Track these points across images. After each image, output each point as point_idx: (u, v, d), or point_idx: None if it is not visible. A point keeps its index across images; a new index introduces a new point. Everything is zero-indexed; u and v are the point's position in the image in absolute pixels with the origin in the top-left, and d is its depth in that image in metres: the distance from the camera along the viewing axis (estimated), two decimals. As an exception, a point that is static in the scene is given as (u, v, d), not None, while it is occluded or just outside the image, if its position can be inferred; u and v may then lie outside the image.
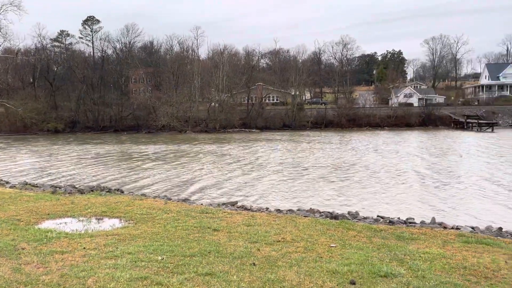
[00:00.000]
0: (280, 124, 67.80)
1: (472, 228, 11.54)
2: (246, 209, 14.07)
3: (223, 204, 14.73)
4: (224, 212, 11.08)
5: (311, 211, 13.98)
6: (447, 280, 5.86)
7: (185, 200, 15.49)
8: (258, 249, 7.25)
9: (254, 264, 6.41)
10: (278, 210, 13.91)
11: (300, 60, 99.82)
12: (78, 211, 10.59)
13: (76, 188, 16.48)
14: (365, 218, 12.89)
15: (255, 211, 13.38)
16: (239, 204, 15.17)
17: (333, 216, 12.65)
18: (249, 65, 78.76)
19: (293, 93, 75.48)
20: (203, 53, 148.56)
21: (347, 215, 12.99)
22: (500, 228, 11.66)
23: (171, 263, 6.41)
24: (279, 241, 7.92)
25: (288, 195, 17.87)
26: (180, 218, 9.88)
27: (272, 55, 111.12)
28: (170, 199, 15.34)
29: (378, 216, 13.25)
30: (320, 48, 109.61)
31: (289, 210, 13.93)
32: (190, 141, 48.93)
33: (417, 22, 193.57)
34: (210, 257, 6.75)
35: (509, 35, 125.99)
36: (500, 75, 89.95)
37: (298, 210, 14.15)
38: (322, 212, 13.51)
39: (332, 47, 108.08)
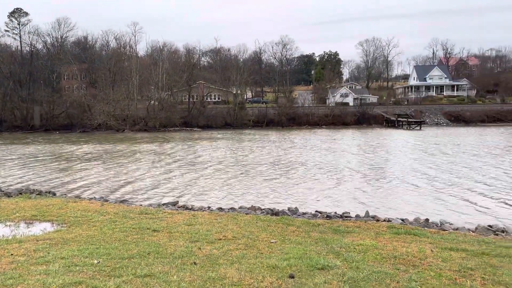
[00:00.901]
0: (222, 123, 67.71)
1: (402, 220, 12.31)
2: (187, 208, 13.92)
3: (164, 204, 14.45)
4: (165, 212, 10.88)
5: (253, 208, 14.13)
6: (379, 269, 6.20)
7: (123, 201, 15.00)
8: (199, 248, 7.21)
9: (195, 263, 6.37)
10: (220, 209, 13.91)
11: (241, 59, 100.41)
12: (5, 215, 9.88)
13: (3, 191, 15.35)
14: (304, 213, 13.28)
15: (197, 210, 13.28)
16: (180, 204, 14.96)
17: (274, 213, 12.90)
18: (190, 63, 77.76)
19: (234, 92, 75.68)
20: (141, 50, 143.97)
21: (287, 211, 13.30)
22: (427, 220, 12.54)
23: (107, 266, 6.19)
24: (221, 239, 7.94)
25: (230, 193, 17.91)
26: (118, 220, 9.56)
27: (213, 53, 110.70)
28: (107, 200, 14.78)
29: (316, 211, 13.69)
30: (261, 47, 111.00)
31: (231, 208, 13.98)
32: (128, 140, 47.37)
33: (353, 25, 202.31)
34: (149, 258, 6.61)
35: (435, 39, 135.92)
36: (427, 76, 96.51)
37: (240, 208, 14.25)
38: (264, 209, 13.71)
39: (272, 47, 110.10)
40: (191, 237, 8.00)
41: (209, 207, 14.25)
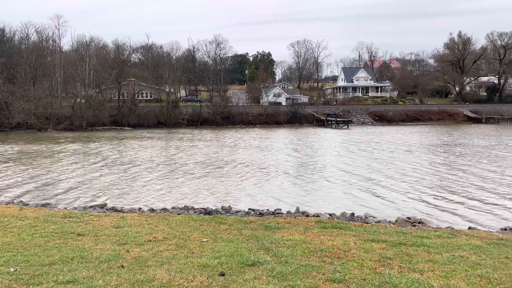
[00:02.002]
0: (155, 121, 65.99)
1: (330, 215, 12.87)
2: (116, 210, 13.41)
3: (91, 207, 13.80)
4: (91, 215, 10.39)
5: (186, 208, 13.98)
6: (307, 263, 6.44)
7: (45, 205, 14.10)
8: (128, 251, 6.99)
9: (122, 266, 6.17)
10: (152, 210, 13.58)
11: (174, 57, 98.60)
12: None
13: None
14: (237, 211, 13.40)
15: (126, 212, 12.85)
16: (109, 206, 14.38)
17: (207, 212, 12.86)
18: (120, 59, 74.70)
19: (167, 90, 74.05)
20: (66, 44, 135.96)
21: (220, 210, 13.33)
22: (353, 214, 13.23)
23: (26, 274, 5.79)
24: (151, 240, 7.76)
25: (163, 193, 17.55)
26: (38, 224, 8.97)
27: (144, 50, 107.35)
28: (27, 204, 13.80)
29: (249, 209, 13.88)
30: (194, 46, 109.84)
31: (163, 209, 13.71)
32: (51, 140, 44.47)
33: (284, 26, 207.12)
34: (72, 263, 6.29)
35: (361, 42, 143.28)
36: (354, 78, 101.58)
37: (173, 208, 14.01)
38: (197, 208, 13.61)
39: (206, 45, 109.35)
40: (119, 239, 7.72)
41: (139, 209, 13.86)
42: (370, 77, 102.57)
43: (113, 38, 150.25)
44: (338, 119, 66.07)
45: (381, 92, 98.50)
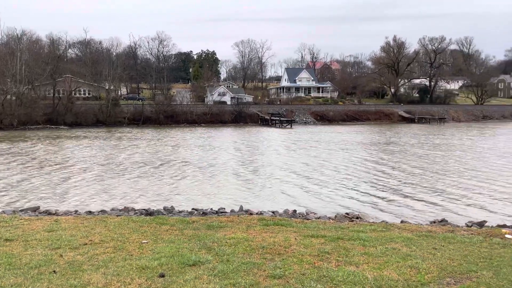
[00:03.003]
0: (94, 120, 63.21)
1: (273, 212, 13.05)
2: (50, 213, 12.69)
3: (22, 210, 12.95)
4: (21, 219, 9.75)
5: (126, 209, 13.53)
6: (248, 260, 6.48)
7: (-32, 209, 13.00)
8: (61, 255, 6.64)
9: (54, 271, 5.84)
10: (89, 212, 13.01)
11: (115, 53, 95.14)
12: None
13: None
14: (180, 211, 13.19)
15: (61, 215, 12.20)
16: (42, 209, 13.57)
17: (149, 213, 12.54)
18: (55, 54, 70.59)
19: (107, 88, 71.21)
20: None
21: (162, 210, 13.04)
22: (295, 211, 13.52)
23: None
24: (86, 244, 7.43)
25: (101, 195, 16.86)
26: (-40, 231, 8.26)
27: (82, 45, 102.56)
28: None
29: (193, 208, 13.72)
30: (136, 42, 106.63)
31: (102, 211, 13.18)
32: (-22, 140, 41.16)
33: (229, 25, 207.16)
34: (-1, 271, 5.86)
35: (303, 43, 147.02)
36: (297, 78, 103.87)
37: (112, 209, 13.51)
38: (137, 210, 13.22)
39: (148, 42, 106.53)
40: (51, 244, 7.31)
41: (76, 211, 13.21)
42: (312, 78, 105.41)
43: (48, 32, 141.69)
44: (282, 119, 67.20)
45: (322, 92, 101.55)
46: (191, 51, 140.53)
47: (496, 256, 7.07)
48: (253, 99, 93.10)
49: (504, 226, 11.05)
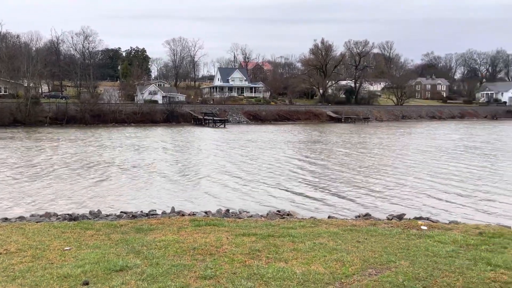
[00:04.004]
0: (10, 119, 58.38)
1: (205, 212, 12.95)
2: (-43, 223, 11.51)
3: None
4: None
5: (47, 215, 12.67)
6: (178, 262, 6.38)
7: None
8: (-30, 268, 6.06)
9: (-39, 287, 5.32)
10: (5, 219, 12.00)
11: (34, 48, 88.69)
12: None
13: None
14: (107, 215, 12.61)
15: (-29, 224, 11.12)
16: None
17: (73, 218, 11.85)
18: (-36, 47, 64.23)
19: (26, 85, 66.10)
20: None
21: (88, 214, 12.40)
22: (227, 210, 13.53)
23: None
24: (1, 253, 6.85)
25: (20, 200, 15.63)
26: None
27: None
28: None
29: (121, 212, 13.18)
30: (58, 37, 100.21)
31: (20, 217, 12.22)
32: None
33: (159, 23, 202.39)
34: None
35: (236, 43, 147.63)
36: (229, 78, 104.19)
37: (32, 215, 12.58)
38: (60, 215, 12.45)
39: (72, 37, 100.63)
40: (-42, 256, 6.64)
41: (-11, 219, 12.12)
42: (245, 78, 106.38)
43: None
44: (215, 118, 67.00)
45: (255, 92, 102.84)
46: (119, 48, 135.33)
47: (413, 246, 7.63)
48: (186, 98, 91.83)
49: (420, 218, 11.96)
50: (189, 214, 12.36)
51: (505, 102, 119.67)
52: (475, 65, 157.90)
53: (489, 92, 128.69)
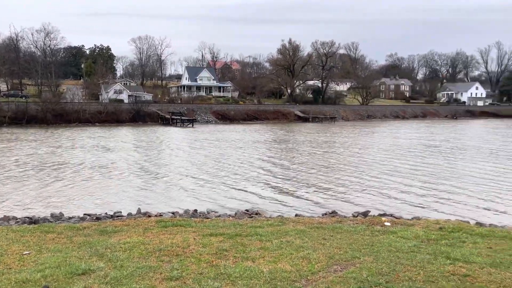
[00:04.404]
0: (-35, 119, 55.61)
1: (172, 213, 12.80)
2: None
3: None
4: None
5: (5, 218, 12.16)
6: (144, 264, 6.27)
7: None
8: None
9: None
10: (-42, 224, 11.40)
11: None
12: None
13: None
14: (70, 218, 12.24)
15: None
16: None
17: (33, 221, 11.43)
18: None
19: (-18, 83, 63.17)
20: None
21: (49, 217, 11.99)
22: (195, 210, 13.41)
23: None
24: (-46, 260, 6.50)
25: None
26: None
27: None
28: None
29: (85, 214, 12.82)
30: (18, 34, 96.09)
31: (-25, 222, 11.64)
32: None
33: (124, 20, 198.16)
34: None
35: (203, 42, 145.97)
36: (197, 77, 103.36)
37: (-12, 220, 12.02)
38: (19, 218, 11.97)
39: (32, 34, 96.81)
40: None
41: None
42: (213, 77, 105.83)
43: None
44: (183, 118, 66.26)
45: (223, 92, 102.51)
46: (83, 46, 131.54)
47: (377, 242, 7.83)
48: (153, 98, 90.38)
49: (384, 214, 12.29)
50: (155, 215, 12.16)
51: (464, 102, 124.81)
52: (436, 66, 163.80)
53: (450, 92, 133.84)
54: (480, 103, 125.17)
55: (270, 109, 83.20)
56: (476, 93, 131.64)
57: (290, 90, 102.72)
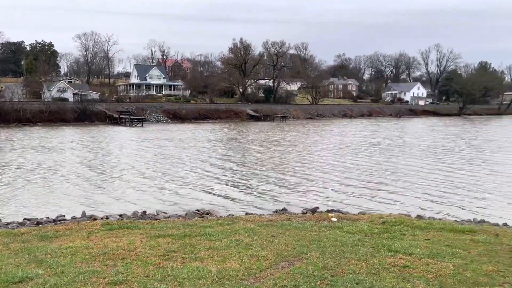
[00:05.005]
0: None
1: (120, 215, 12.43)
2: None
3: None
4: None
5: None
6: (87, 269, 6.03)
7: None
8: None
9: None
10: None
11: None
12: None
13: None
14: (8, 223, 11.56)
15: None
16: None
17: (-35, 228, 10.65)
18: None
19: None
20: None
21: (-16, 224, 11.23)
22: (144, 212, 13.11)
23: None
24: None
25: None
26: None
27: None
28: None
29: (24, 219, 12.15)
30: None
31: None
32: None
33: (68, 16, 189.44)
34: None
35: (153, 40, 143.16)
36: (147, 75, 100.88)
37: None
38: (-50, 226, 11.10)
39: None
40: None
41: None
42: (164, 76, 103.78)
43: None
44: (132, 117, 64.47)
45: (174, 90, 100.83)
46: (22, 41, 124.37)
47: (323, 237, 8.04)
48: (100, 96, 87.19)
49: (332, 210, 12.65)
50: (102, 218, 11.76)
51: (407, 101, 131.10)
52: (381, 67, 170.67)
53: (394, 92, 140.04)
54: (421, 102, 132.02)
55: (222, 108, 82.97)
56: (418, 93, 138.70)
57: (242, 89, 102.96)
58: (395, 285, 5.57)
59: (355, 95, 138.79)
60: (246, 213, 12.31)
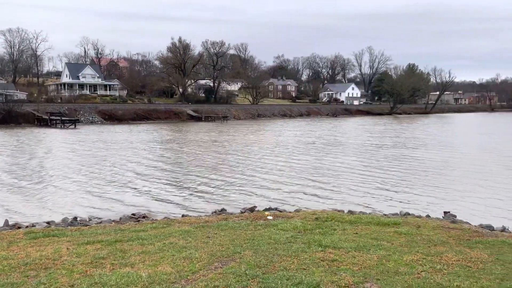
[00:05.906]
0: None
1: (48, 222, 11.73)
2: None
3: None
4: None
5: None
6: (5, 281, 5.64)
7: None
8: None
9: None
10: None
11: None
12: None
13: None
14: None
15: None
16: None
17: None
18: None
19: None
20: None
21: None
22: (75, 218, 12.48)
23: None
24: None
25: None
26: None
27: None
28: None
29: None
30: None
31: None
32: None
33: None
34: None
35: (86, 37, 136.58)
36: (80, 74, 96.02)
37: None
38: None
39: None
40: None
41: None
42: (98, 75, 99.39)
43: None
44: (63, 118, 61.16)
45: (110, 90, 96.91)
46: None
47: (258, 236, 8.14)
48: (28, 97, 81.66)
49: (269, 209, 12.85)
50: (26, 226, 11.05)
51: (343, 101, 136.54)
52: (318, 68, 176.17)
53: (330, 92, 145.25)
54: (356, 102, 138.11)
55: (162, 109, 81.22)
56: (352, 93, 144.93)
57: (182, 89, 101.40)
58: (323, 278, 5.78)
59: (294, 95, 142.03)
60: (183, 215, 12.15)
